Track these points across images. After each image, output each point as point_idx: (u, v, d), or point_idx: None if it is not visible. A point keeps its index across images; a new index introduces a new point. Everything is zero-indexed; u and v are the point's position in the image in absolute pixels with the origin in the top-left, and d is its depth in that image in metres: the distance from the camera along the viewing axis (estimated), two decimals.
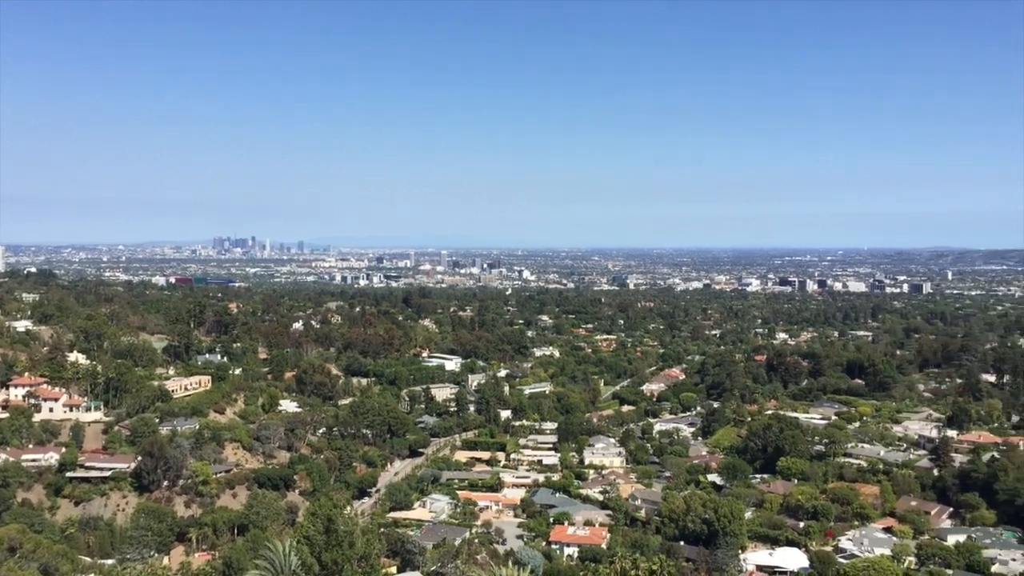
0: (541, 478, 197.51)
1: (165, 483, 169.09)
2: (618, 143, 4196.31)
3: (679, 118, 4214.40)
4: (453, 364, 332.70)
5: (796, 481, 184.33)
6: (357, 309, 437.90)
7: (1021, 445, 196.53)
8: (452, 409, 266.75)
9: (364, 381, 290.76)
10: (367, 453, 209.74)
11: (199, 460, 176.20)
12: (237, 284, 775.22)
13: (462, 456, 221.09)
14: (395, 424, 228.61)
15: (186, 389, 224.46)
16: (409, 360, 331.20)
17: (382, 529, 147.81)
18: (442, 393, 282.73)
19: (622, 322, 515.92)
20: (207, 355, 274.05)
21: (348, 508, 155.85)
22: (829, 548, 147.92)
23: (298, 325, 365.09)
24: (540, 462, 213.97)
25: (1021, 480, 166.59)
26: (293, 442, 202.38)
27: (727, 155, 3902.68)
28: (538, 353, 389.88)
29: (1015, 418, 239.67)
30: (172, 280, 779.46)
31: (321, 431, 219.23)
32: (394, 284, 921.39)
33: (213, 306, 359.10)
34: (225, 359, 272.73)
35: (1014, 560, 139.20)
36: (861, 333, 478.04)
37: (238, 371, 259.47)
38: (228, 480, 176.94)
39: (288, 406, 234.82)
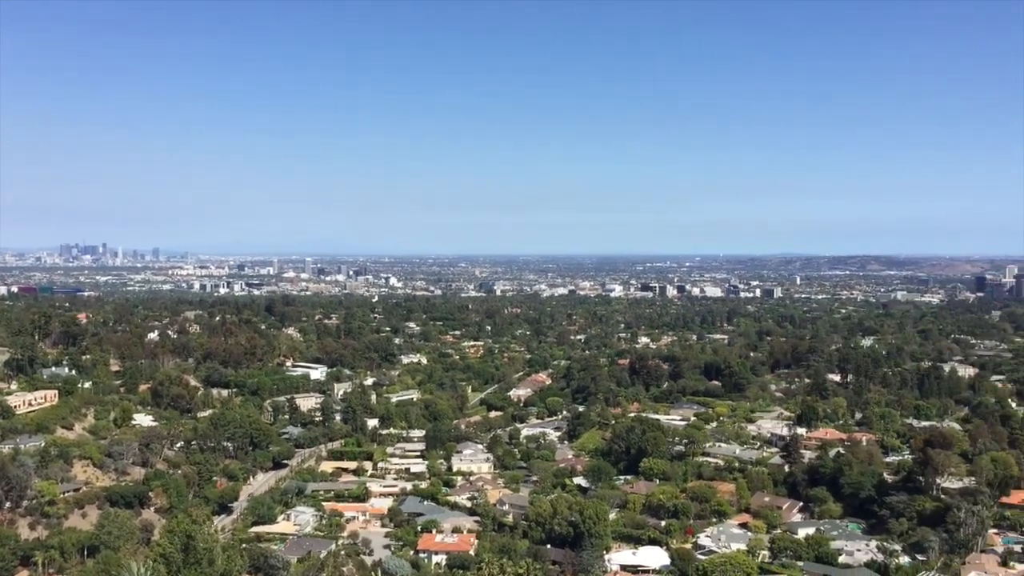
0: (409, 486, 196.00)
1: (7, 504, 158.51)
2: (484, 150, 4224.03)
3: (543, 125, 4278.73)
4: (318, 373, 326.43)
5: (658, 481, 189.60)
6: (217, 318, 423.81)
7: (864, 441, 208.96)
8: (318, 419, 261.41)
9: (225, 392, 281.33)
10: (228, 467, 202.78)
11: (45, 479, 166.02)
12: (86, 293, 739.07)
13: (328, 467, 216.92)
14: (258, 436, 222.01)
15: (30, 404, 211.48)
16: (272, 370, 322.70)
17: (244, 545, 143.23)
18: (307, 403, 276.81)
19: (489, 328, 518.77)
20: (53, 368, 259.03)
21: (208, 524, 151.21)
22: (689, 545, 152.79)
23: (153, 335, 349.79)
24: (408, 470, 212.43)
25: (864, 474, 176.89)
26: (148, 458, 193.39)
27: (592, 164, 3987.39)
28: (405, 360, 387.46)
29: (858, 415, 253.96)
30: (14, 289, 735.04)
31: (179, 445, 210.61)
32: (256, 292, 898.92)
33: (60, 316, 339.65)
34: (73, 372, 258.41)
35: (859, 551, 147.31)
36: (718, 336, 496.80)
37: (88, 385, 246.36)
38: (77, 499, 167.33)
39: (143, 420, 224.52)
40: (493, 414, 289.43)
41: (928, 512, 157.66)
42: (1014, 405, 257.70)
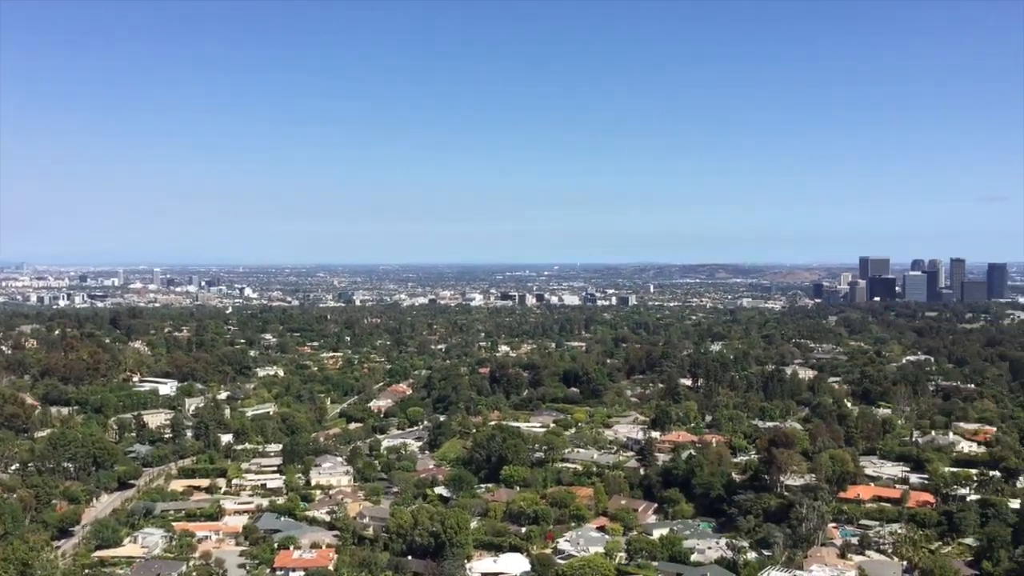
0: (265, 503, 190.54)
1: None
2: (344, 157, 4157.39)
3: (401, 132, 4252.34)
4: (168, 388, 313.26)
5: (519, 488, 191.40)
6: (56, 332, 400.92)
7: (714, 442, 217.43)
8: (167, 436, 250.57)
9: (65, 410, 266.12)
10: (69, 489, 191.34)
11: None
12: None
13: (179, 485, 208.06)
14: (101, 455, 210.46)
15: None
16: (118, 386, 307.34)
17: (86, 570, 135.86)
18: (156, 419, 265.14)
19: (349, 339, 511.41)
20: None
21: (47, 550, 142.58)
22: (549, 550, 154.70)
23: None
24: (264, 486, 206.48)
25: (714, 475, 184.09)
26: None
27: (452, 173, 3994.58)
28: (261, 373, 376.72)
29: (708, 418, 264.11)
30: None
31: (14, 467, 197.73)
32: (100, 304, 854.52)
33: None
34: None
35: (710, 548, 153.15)
36: (576, 344, 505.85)
37: None
38: None
39: None
40: (353, 426, 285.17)
41: (773, 509, 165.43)
42: (849, 405, 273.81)
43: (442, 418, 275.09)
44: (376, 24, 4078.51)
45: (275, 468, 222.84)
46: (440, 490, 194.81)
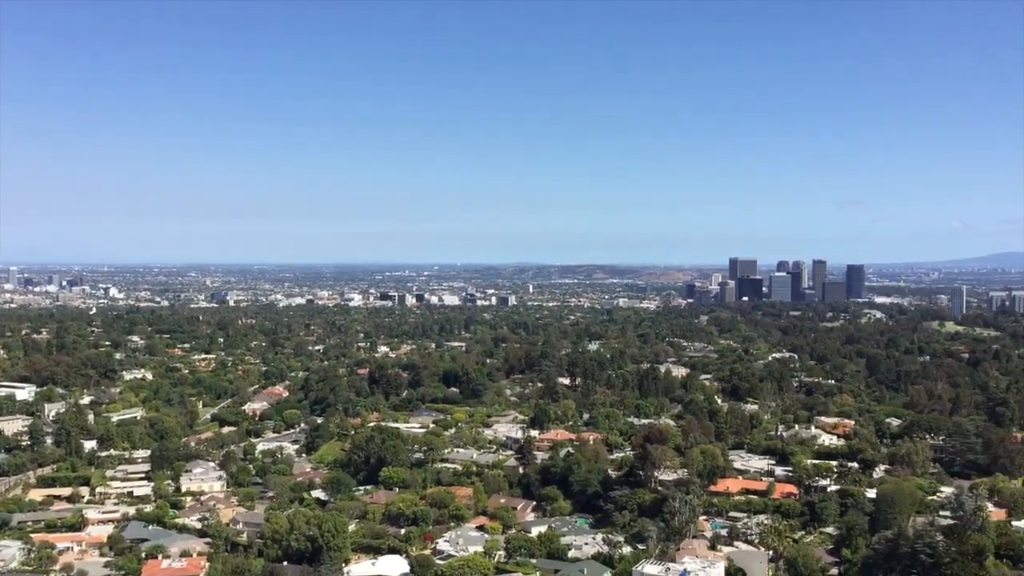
0: (132, 511, 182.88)
1: None
2: (219, 153, 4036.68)
3: (279, 129, 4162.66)
4: (26, 393, 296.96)
5: (398, 489, 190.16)
6: None
7: (591, 440, 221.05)
8: (25, 443, 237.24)
9: None
10: None
11: None
12: None
13: (38, 495, 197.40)
14: None
15: None
16: None
17: None
18: (12, 426, 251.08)
19: (222, 340, 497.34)
20: None
21: None
22: (428, 551, 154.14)
23: None
24: (131, 494, 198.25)
25: (591, 471, 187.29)
26: None
27: (330, 171, 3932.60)
28: (128, 377, 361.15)
29: (586, 416, 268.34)
30: None
31: None
32: None
33: None
34: None
35: (587, 544, 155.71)
36: (456, 344, 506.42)
37: None
38: None
39: None
40: (226, 430, 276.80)
41: (647, 503, 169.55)
42: (720, 401, 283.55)
43: (320, 420, 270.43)
44: (245, 19, 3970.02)
45: (143, 475, 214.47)
46: (317, 493, 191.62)
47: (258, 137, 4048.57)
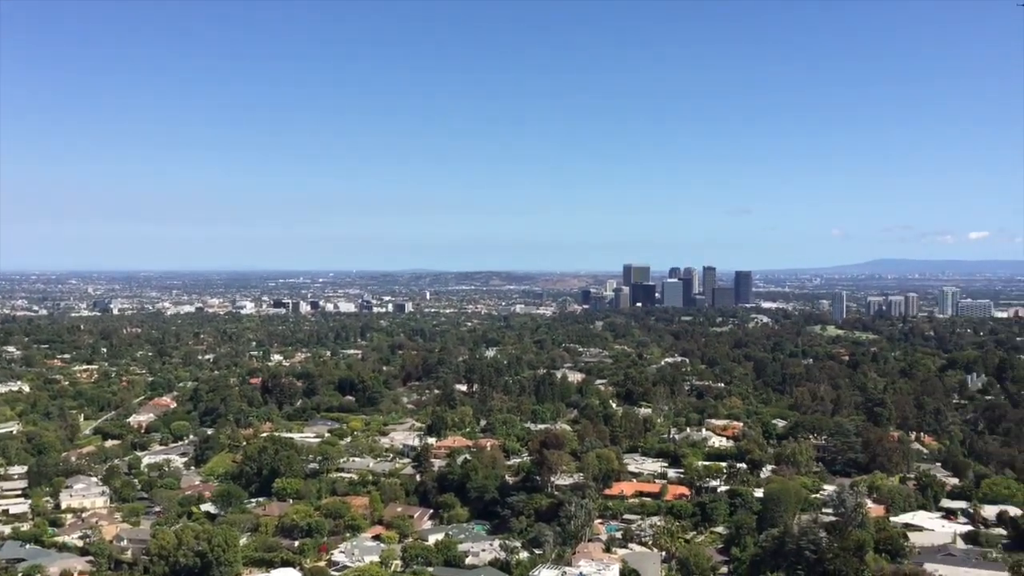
0: (8, 530, 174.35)
1: None
2: (98, 154, 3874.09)
3: (162, 129, 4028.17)
4: None
5: (292, 501, 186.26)
6: None
7: (488, 446, 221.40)
8: None
9: None
10: None
11: None
12: None
13: None
14: None
15: None
16: None
17: None
18: None
19: (105, 350, 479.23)
20: None
21: None
22: (323, 563, 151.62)
23: None
24: (7, 512, 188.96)
25: (488, 478, 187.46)
26: None
27: (218, 173, 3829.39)
28: (3, 389, 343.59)
29: (483, 422, 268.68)
30: None
31: None
32: None
33: None
34: None
35: (484, 551, 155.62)
36: (352, 351, 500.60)
37: None
38: None
39: None
40: (110, 443, 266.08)
41: (544, 508, 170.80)
42: (614, 405, 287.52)
43: (210, 432, 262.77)
44: (114, 16, 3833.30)
45: (19, 492, 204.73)
46: (207, 507, 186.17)
47: (140, 136, 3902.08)
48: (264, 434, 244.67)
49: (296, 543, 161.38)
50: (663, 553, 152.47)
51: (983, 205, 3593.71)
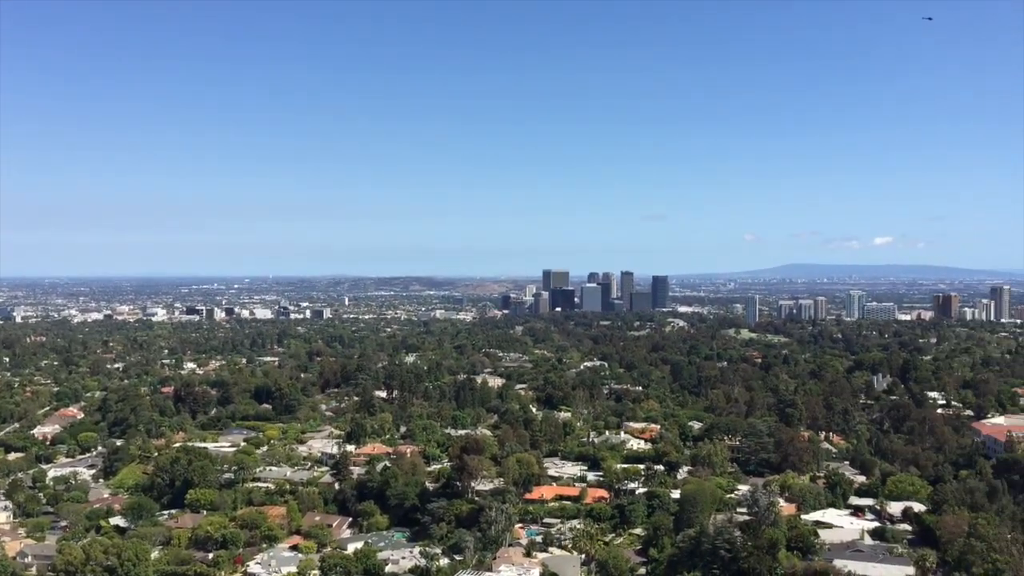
0: None
1: None
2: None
3: (67, 131, 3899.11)
4: None
5: (206, 512, 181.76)
6: None
7: (408, 453, 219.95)
8: None
9: None
10: None
11: None
12: None
13: None
14: None
15: None
16: None
17: None
18: None
19: (8, 360, 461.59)
20: None
21: None
22: (239, 575, 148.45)
23: None
24: None
25: (409, 484, 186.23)
26: None
27: (123, 178, 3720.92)
28: None
29: (403, 428, 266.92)
30: None
31: None
32: None
33: None
34: None
35: (404, 558, 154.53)
36: (268, 359, 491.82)
37: None
38: None
39: None
40: (12, 456, 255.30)
41: (464, 514, 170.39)
42: (534, 410, 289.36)
43: (119, 443, 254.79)
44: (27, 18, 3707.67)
45: None
46: (116, 520, 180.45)
47: (41, 140, 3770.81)
48: (177, 444, 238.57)
49: (210, 555, 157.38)
50: (583, 556, 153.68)
51: (887, 211, 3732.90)
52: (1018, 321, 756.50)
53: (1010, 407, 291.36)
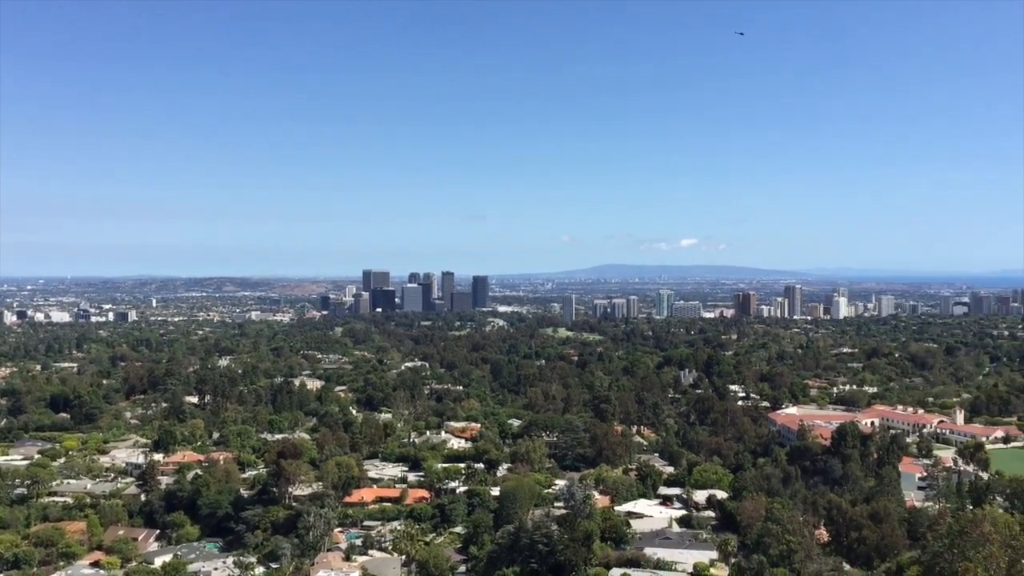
0: None
1: None
2: None
3: None
4: None
5: None
6: None
7: (222, 460, 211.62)
8: None
9: None
10: None
11: None
12: None
13: None
14: None
15: None
16: None
17: None
18: None
19: None
20: None
21: None
22: None
23: None
24: None
25: (222, 492, 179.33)
26: None
27: None
28: None
29: (216, 435, 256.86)
30: None
31: None
32: None
33: None
34: None
35: (216, 569, 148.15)
36: (66, 365, 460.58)
37: None
38: None
39: None
40: None
41: (281, 520, 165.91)
42: (355, 412, 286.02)
43: None
44: None
45: None
46: None
47: None
48: None
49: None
50: (403, 557, 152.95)
51: (693, 214, 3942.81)
52: (808, 317, 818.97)
53: (802, 398, 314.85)
